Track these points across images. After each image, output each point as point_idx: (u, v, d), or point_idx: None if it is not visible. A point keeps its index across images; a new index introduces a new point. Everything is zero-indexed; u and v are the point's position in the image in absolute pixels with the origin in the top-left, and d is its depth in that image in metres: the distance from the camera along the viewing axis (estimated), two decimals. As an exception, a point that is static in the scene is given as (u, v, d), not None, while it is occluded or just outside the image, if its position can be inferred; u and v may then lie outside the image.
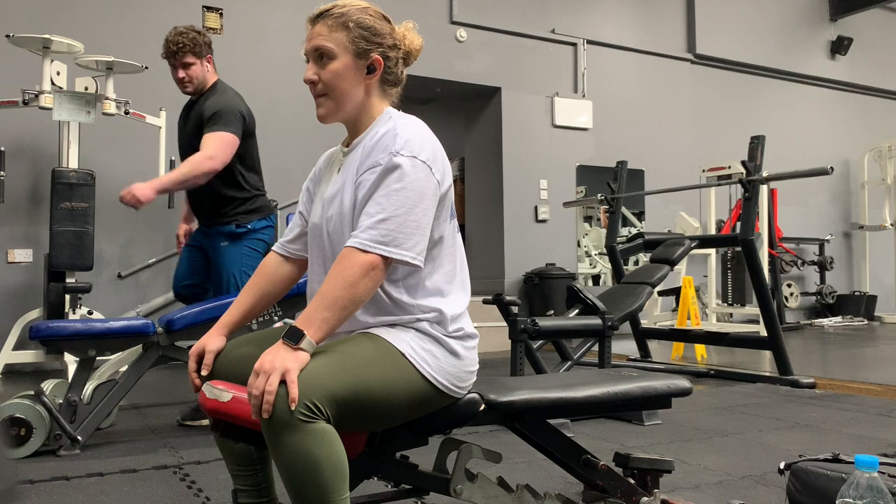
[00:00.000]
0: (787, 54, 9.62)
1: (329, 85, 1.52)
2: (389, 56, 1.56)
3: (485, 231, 7.78)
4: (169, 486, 2.36)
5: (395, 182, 1.40)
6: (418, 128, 1.49)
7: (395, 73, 1.58)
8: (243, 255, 3.29)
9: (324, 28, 1.52)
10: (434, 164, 1.45)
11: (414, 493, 1.66)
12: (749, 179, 4.45)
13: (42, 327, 2.71)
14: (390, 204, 1.39)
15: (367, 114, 1.56)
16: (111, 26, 5.77)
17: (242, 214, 3.31)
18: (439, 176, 1.45)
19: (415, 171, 1.41)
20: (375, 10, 1.57)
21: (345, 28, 1.51)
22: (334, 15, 1.52)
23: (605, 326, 3.38)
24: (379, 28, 1.54)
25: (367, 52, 1.52)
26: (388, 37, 1.55)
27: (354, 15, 1.52)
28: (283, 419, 1.24)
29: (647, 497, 1.73)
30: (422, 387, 1.43)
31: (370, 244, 1.36)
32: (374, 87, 1.55)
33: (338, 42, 1.51)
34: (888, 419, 3.45)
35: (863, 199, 9.86)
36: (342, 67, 1.51)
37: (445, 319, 1.48)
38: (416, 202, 1.40)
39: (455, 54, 7.31)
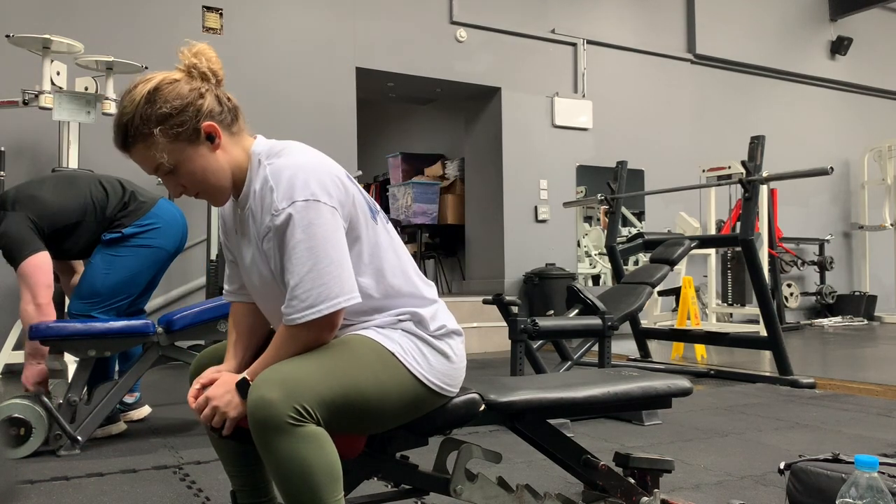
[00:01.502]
0: (787, 54, 9.62)
1: (195, 185, 1.41)
2: (212, 109, 1.40)
3: (485, 231, 7.78)
4: (169, 486, 2.36)
5: (290, 240, 1.32)
6: (290, 162, 1.37)
7: (225, 110, 1.43)
8: (115, 262, 2.99)
9: (140, 150, 1.38)
10: (322, 195, 1.33)
11: (414, 493, 1.66)
12: (749, 179, 4.45)
13: (42, 327, 2.71)
14: (296, 265, 1.32)
15: (238, 168, 1.44)
16: (111, 26, 5.77)
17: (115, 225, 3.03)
18: (334, 201, 1.35)
19: (303, 217, 1.32)
20: (157, 82, 1.38)
21: (154, 136, 1.36)
22: (135, 134, 1.37)
23: (605, 326, 3.38)
24: (179, 102, 1.37)
25: (194, 131, 1.38)
26: (192, 96, 1.38)
27: (150, 116, 1.36)
28: (272, 423, 1.24)
29: (647, 497, 1.73)
30: (413, 388, 1.42)
31: (300, 316, 1.32)
32: (225, 145, 1.42)
33: (163, 151, 1.37)
34: (888, 419, 3.45)
35: (863, 199, 9.86)
36: (190, 165, 1.39)
37: (424, 319, 1.46)
38: (320, 246, 1.32)
39: (455, 54, 7.31)
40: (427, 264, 9.26)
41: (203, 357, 1.59)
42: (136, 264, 3.00)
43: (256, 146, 1.46)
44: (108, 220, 3.00)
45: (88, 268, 3.00)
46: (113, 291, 2.97)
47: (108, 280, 2.96)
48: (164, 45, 5.96)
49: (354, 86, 6.79)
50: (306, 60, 6.55)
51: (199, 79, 1.41)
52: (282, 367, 1.30)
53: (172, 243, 3.10)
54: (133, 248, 3.00)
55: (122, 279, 2.98)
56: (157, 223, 3.04)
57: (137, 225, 3.01)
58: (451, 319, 1.53)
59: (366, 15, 6.85)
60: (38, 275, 2.82)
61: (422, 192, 8.56)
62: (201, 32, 6.13)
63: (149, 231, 3.02)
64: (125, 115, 1.38)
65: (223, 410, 1.36)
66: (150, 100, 1.36)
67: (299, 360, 1.33)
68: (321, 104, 6.60)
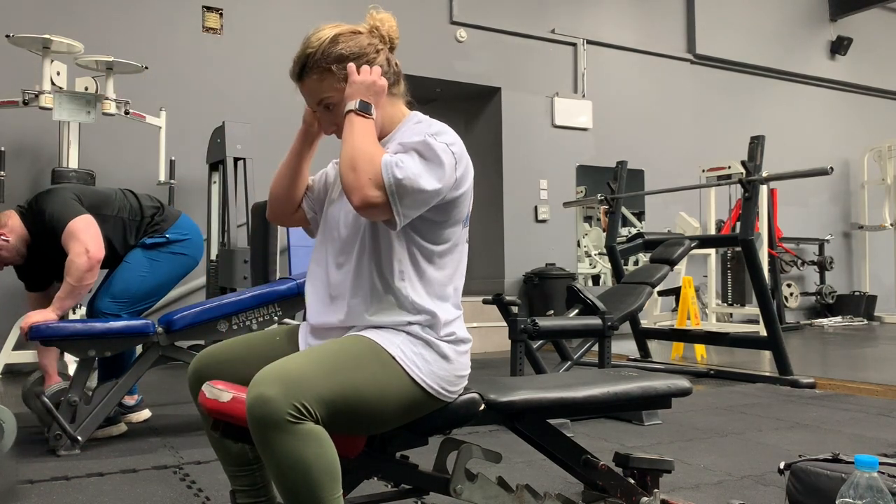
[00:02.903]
0: (787, 54, 9.62)
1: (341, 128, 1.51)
2: (381, 65, 1.53)
3: (485, 231, 7.78)
4: (169, 486, 2.36)
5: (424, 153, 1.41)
6: (450, 132, 1.50)
7: (391, 72, 1.56)
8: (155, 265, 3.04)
9: (312, 82, 1.52)
10: (460, 161, 1.46)
11: (414, 493, 1.66)
12: (749, 179, 4.45)
13: (42, 327, 2.71)
14: (418, 163, 1.40)
15: (389, 124, 1.56)
16: (111, 26, 5.77)
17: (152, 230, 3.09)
18: (460, 173, 1.46)
19: (442, 154, 1.41)
20: (343, 31, 1.53)
21: (330, 72, 1.50)
22: (314, 65, 1.50)
23: (605, 326, 3.38)
24: (358, 49, 1.51)
25: None
26: (369, 48, 1.53)
27: (331, 53, 1.50)
28: (271, 421, 1.24)
29: (647, 497, 1.73)
30: (411, 390, 1.42)
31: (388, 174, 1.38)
32: (383, 101, 1.54)
33: (333, 88, 1.50)
34: (888, 419, 3.45)
35: (863, 199, 9.86)
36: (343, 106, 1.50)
37: (438, 323, 1.47)
38: (436, 177, 1.40)
39: (455, 54, 7.31)
40: (427, 264, 9.25)
41: (202, 357, 1.59)
42: (172, 270, 3.07)
43: (417, 113, 1.60)
44: (144, 223, 3.05)
45: (124, 268, 3.00)
46: (146, 294, 3.02)
47: (144, 283, 3.00)
48: (164, 45, 5.96)
49: (354, 86, 6.78)
50: (306, 60, 6.54)
51: (378, 39, 1.55)
52: (281, 364, 1.30)
53: (200, 254, 3.21)
54: (172, 254, 3.07)
55: (157, 284, 3.04)
56: (189, 234, 3.15)
57: (176, 232, 3.09)
58: (462, 328, 1.54)
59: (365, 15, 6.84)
60: (90, 230, 2.82)
61: (422, 192, 8.56)
62: (201, 32, 6.13)
63: (185, 241, 3.12)
64: (310, 48, 1.51)
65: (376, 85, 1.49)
66: (334, 41, 1.51)
67: (299, 358, 1.33)
68: (321, 104, 6.59)
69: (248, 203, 5.17)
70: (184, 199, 5.76)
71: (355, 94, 1.47)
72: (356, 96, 1.47)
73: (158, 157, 5.32)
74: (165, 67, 5.91)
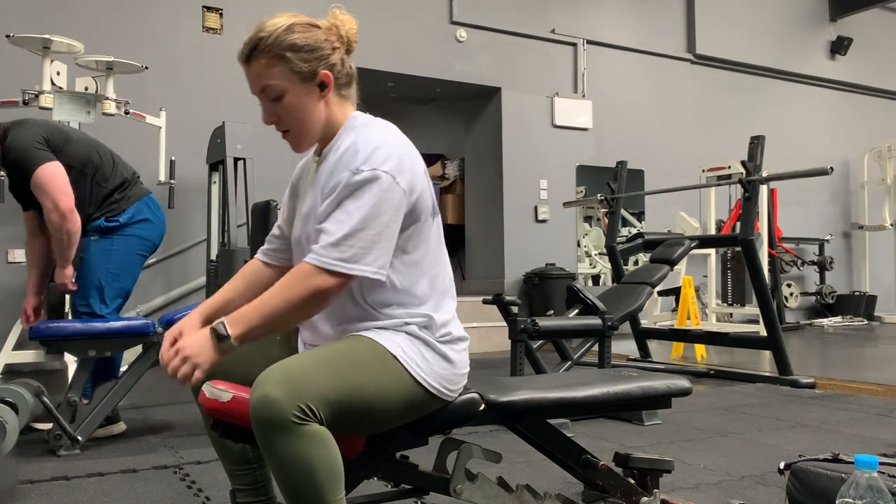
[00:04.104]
0: (787, 54, 9.62)
1: (289, 121, 1.48)
2: (334, 63, 1.48)
3: (485, 231, 7.78)
4: (169, 486, 2.36)
5: (355, 199, 1.36)
6: (381, 136, 1.44)
7: (344, 73, 1.52)
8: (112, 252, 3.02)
9: (260, 67, 1.46)
10: (400, 174, 1.39)
11: (414, 493, 1.66)
12: (749, 179, 4.45)
13: (42, 327, 2.71)
14: (350, 220, 1.35)
15: (332, 126, 1.52)
16: (111, 26, 5.77)
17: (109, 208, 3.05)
18: (406, 184, 1.40)
19: (376, 185, 1.36)
20: (301, 21, 1.48)
21: (280, 59, 1.44)
22: (264, 49, 1.45)
23: (605, 326, 3.38)
24: (313, 42, 1.46)
25: (313, 72, 1.46)
26: (325, 44, 1.47)
27: (284, 40, 1.44)
28: (276, 422, 1.23)
29: (647, 497, 1.73)
30: (413, 390, 1.42)
31: (329, 261, 1.33)
32: (331, 100, 1.50)
33: (280, 76, 1.45)
34: (888, 419, 3.45)
35: (863, 199, 9.86)
36: (295, 99, 1.46)
37: (434, 324, 1.47)
38: (377, 215, 1.36)
39: (455, 54, 7.31)
40: (427, 264, 9.25)
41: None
42: (128, 251, 3.06)
43: (356, 113, 1.55)
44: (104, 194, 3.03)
45: (85, 263, 3.01)
46: (113, 276, 3.01)
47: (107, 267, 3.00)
48: (164, 45, 5.96)
49: (354, 86, 6.78)
50: (306, 60, 6.55)
51: (336, 37, 1.50)
52: (285, 365, 1.30)
53: (158, 237, 3.21)
54: (126, 237, 3.06)
55: (119, 266, 3.03)
56: (147, 216, 3.13)
57: (130, 214, 3.07)
58: (458, 326, 1.54)
59: (366, 15, 6.84)
60: (55, 182, 2.82)
61: (422, 192, 8.55)
62: (201, 32, 6.13)
63: (141, 222, 3.11)
64: (262, 32, 1.46)
65: (194, 360, 1.33)
66: (290, 29, 1.45)
67: (302, 359, 1.33)
68: (321, 104, 6.59)
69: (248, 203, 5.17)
70: (184, 199, 5.75)
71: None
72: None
73: (158, 157, 5.32)
74: (165, 67, 5.91)
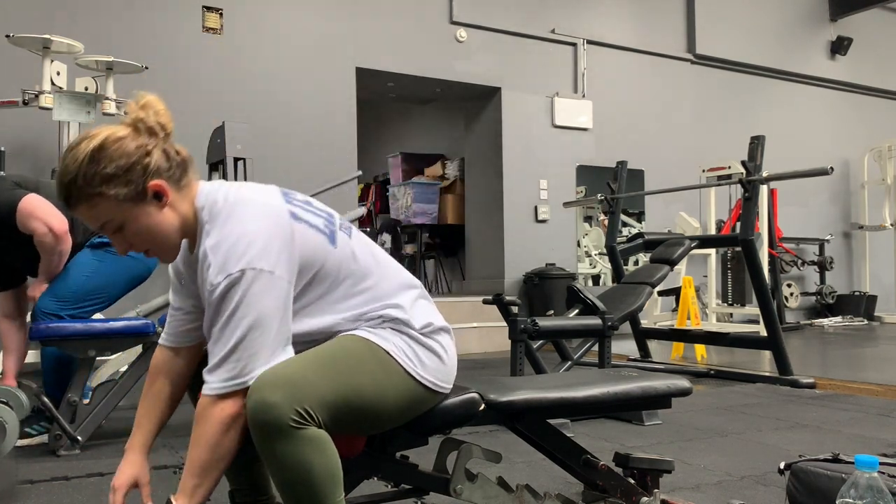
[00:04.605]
0: (787, 54, 9.62)
1: (143, 243, 1.38)
2: (158, 167, 1.34)
3: (485, 231, 7.78)
4: (169, 486, 2.35)
5: (224, 311, 1.28)
6: (231, 231, 1.31)
7: (174, 166, 1.38)
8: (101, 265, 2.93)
9: (84, 211, 1.33)
10: (257, 261, 1.28)
11: (414, 493, 1.66)
12: (749, 179, 4.45)
13: (42, 327, 2.71)
14: (225, 334, 1.28)
15: (188, 223, 1.40)
16: (111, 26, 5.77)
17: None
18: (273, 260, 1.29)
19: (238, 288, 1.27)
20: (102, 139, 1.32)
21: (100, 197, 1.31)
22: (79, 195, 1.31)
23: (605, 326, 3.38)
24: (125, 161, 1.31)
25: (140, 190, 1.33)
26: (137, 153, 1.33)
27: (94, 177, 1.30)
28: (275, 426, 1.23)
29: (647, 497, 1.73)
30: (410, 386, 1.42)
31: (219, 386, 1.27)
32: (174, 202, 1.37)
33: (109, 211, 1.33)
34: (888, 419, 3.45)
35: (863, 199, 9.86)
36: (136, 224, 1.35)
37: (406, 320, 1.44)
38: (249, 315, 1.27)
39: (455, 54, 7.30)
40: (427, 264, 9.26)
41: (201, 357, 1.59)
42: (117, 272, 2.95)
43: (199, 200, 1.39)
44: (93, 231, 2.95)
45: (69, 267, 2.91)
46: (88, 293, 2.89)
47: (88, 282, 2.89)
48: (164, 45, 5.96)
49: (354, 86, 6.79)
50: (306, 60, 6.55)
51: (146, 134, 1.35)
52: (281, 369, 1.29)
53: (154, 261, 3.07)
54: (118, 256, 2.93)
55: (101, 284, 2.92)
56: None
57: None
58: (436, 316, 1.51)
59: (366, 15, 6.84)
60: (43, 206, 2.73)
61: (422, 192, 8.56)
62: (201, 32, 6.13)
63: None
64: (67, 175, 1.31)
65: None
66: (94, 159, 1.30)
67: (299, 361, 1.32)
68: (321, 104, 6.59)
69: (248, 203, 5.16)
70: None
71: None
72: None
73: (158, 157, 5.31)
74: (165, 67, 5.91)
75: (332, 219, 1.46)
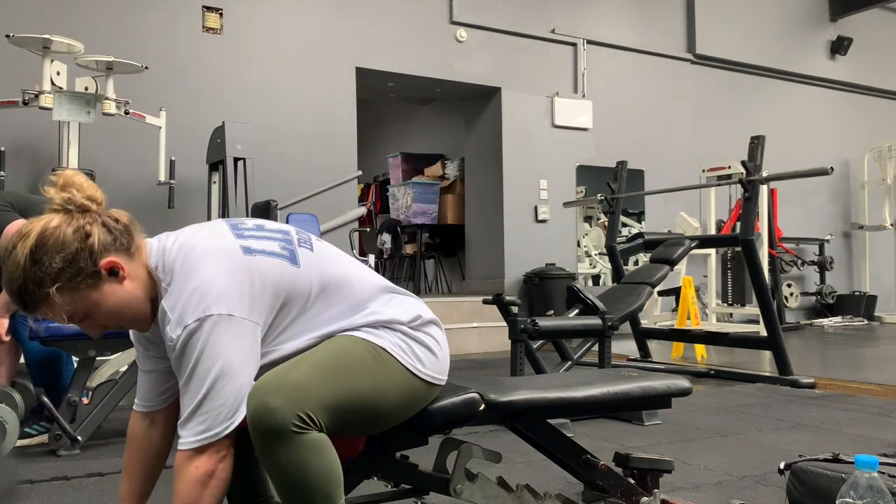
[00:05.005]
0: (787, 54, 9.62)
1: (115, 322, 1.34)
2: (103, 244, 1.28)
3: (485, 231, 7.78)
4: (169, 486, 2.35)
5: (187, 365, 1.26)
6: (179, 289, 1.28)
7: (118, 236, 1.31)
8: None
9: (45, 311, 1.28)
10: (213, 306, 1.25)
11: (414, 493, 1.66)
12: (749, 179, 4.45)
13: (42, 327, 2.71)
14: (191, 387, 1.26)
15: (151, 289, 1.35)
16: (111, 26, 5.77)
17: None
18: (231, 304, 1.27)
19: (197, 338, 1.25)
20: (37, 237, 1.24)
21: (53, 294, 1.25)
22: (33, 300, 1.26)
23: (605, 326, 3.38)
24: (66, 252, 1.24)
25: (92, 273, 1.27)
26: (75, 238, 1.26)
27: (40, 279, 1.24)
28: (276, 431, 1.23)
29: (647, 497, 1.73)
30: (408, 381, 1.42)
31: (196, 440, 1.25)
32: (130, 272, 1.32)
33: (69, 303, 1.27)
34: (888, 419, 3.45)
35: (863, 199, 9.86)
36: (101, 307, 1.30)
37: (394, 317, 1.43)
38: (216, 364, 1.25)
39: (455, 54, 7.30)
40: (427, 264, 9.26)
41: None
42: None
43: (150, 261, 1.34)
44: None
45: None
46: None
47: None
48: (164, 45, 5.96)
49: (354, 86, 6.79)
50: (306, 60, 6.55)
51: (79, 214, 1.28)
52: (282, 373, 1.29)
53: None
54: None
55: None
56: None
57: None
58: (424, 308, 1.50)
59: (366, 15, 6.84)
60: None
61: (422, 192, 8.56)
62: (201, 32, 6.13)
63: None
64: (14, 282, 1.25)
65: None
66: (35, 259, 1.24)
67: (299, 365, 1.32)
68: (321, 104, 6.59)
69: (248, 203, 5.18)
70: (184, 199, 5.75)
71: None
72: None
73: (158, 157, 5.32)
74: (165, 67, 5.91)
75: (288, 237, 1.41)
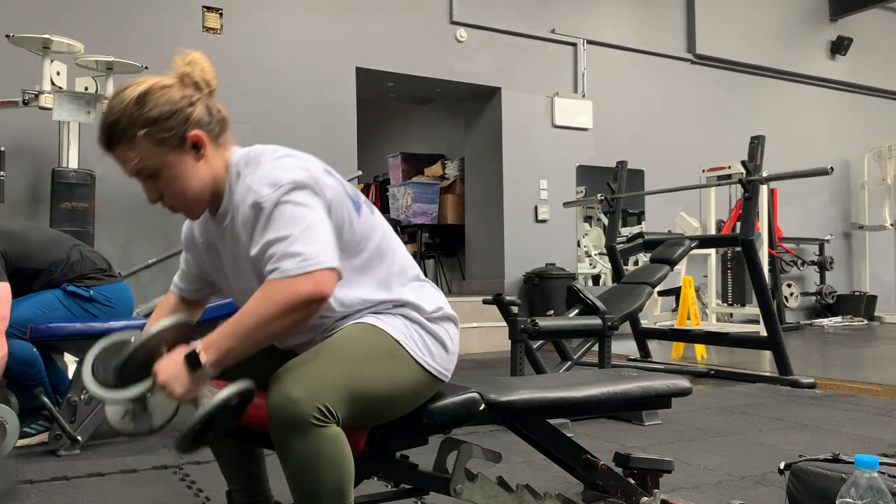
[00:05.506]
0: (787, 54, 9.62)
1: (173, 194, 1.39)
2: (200, 118, 1.37)
3: (485, 231, 7.78)
4: (169, 486, 2.36)
5: (281, 217, 1.29)
6: (266, 160, 1.37)
7: (214, 122, 1.41)
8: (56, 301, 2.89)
9: (123, 152, 1.35)
10: (303, 180, 1.33)
11: (414, 492, 1.66)
12: (749, 179, 4.45)
13: (42, 327, 2.71)
14: (286, 230, 1.27)
15: (219, 182, 1.41)
16: (111, 26, 5.77)
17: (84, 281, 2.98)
18: (313, 186, 1.34)
19: (290, 197, 1.30)
20: (150, 86, 1.36)
21: (140, 138, 1.33)
22: (121, 134, 1.34)
23: (605, 326, 3.38)
24: (170, 107, 1.34)
25: (181, 138, 1.35)
26: (182, 102, 1.36)
27: (138, 118, 1.32)
28: (296, 423, 1.23)
29: (647, 497, 1.73)
30: (418, 375, 1.43)
31: (289, 268, 1.25)
32: (210, 156, 1.39)
33: (148, 155, 1.34)
34: (888, 419, 3.45)
35: (863, 199, 9.86)
36: (172, 171, 1.36)
37: (418, 305, 1.46)
38: (310, 216, 1.29)
39: (455, 54, 7.30)
40: (427, 264, 9.25)
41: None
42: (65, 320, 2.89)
43: (233, 156, 1.42)
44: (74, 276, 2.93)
45: (36, 296, 2.87)
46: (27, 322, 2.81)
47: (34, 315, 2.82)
48: (164, 46, 5.96)
49: (354, 86, 6.78)
50: (306, 60, 6.55)
51: (192, 87, 1.39)
52: (301, 365, 1.30)
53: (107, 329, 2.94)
54: (83, 310, 2.93)
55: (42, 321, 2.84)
56: (113, 303, 3.02)
57: (102, 293, 2.97)
58: (445, 303, 1.53)
59: (366, 15, 6.84)
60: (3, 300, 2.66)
61: (422, 192, 8.56)
62: (201, 32, 6.13)
63: (106, 306, 2.99)
64: (112, 115, 1.34)
65: (170, 386, 1.25)
66: (140, 102, 1.34)
67: (317, 358, 1.32)
68: (321, 104, 6.59)
69: (248, 203, 5.16)
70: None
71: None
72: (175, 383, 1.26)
73: (158, 157, 5.31)
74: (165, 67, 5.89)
75: (357, 194, 1.50)
